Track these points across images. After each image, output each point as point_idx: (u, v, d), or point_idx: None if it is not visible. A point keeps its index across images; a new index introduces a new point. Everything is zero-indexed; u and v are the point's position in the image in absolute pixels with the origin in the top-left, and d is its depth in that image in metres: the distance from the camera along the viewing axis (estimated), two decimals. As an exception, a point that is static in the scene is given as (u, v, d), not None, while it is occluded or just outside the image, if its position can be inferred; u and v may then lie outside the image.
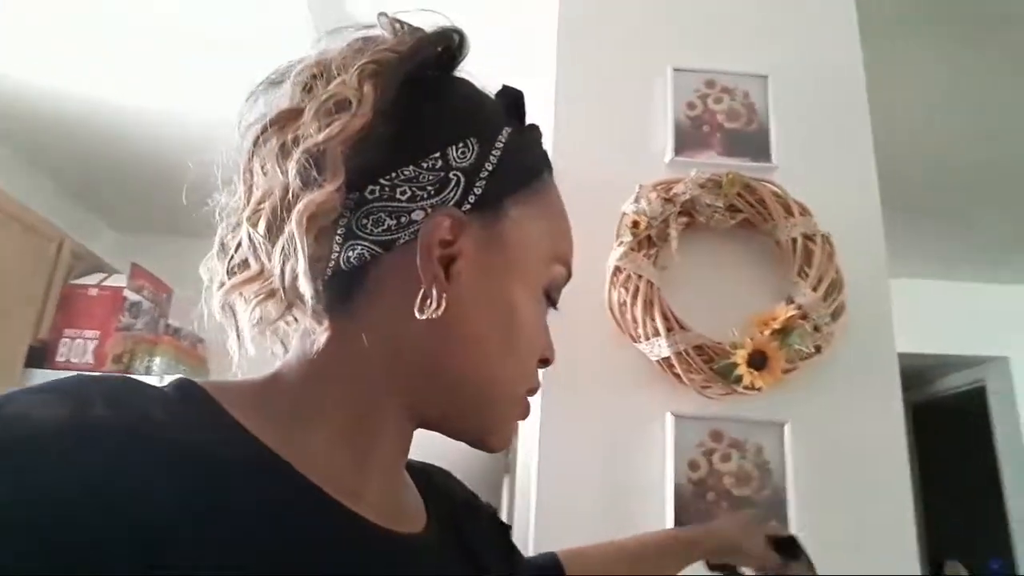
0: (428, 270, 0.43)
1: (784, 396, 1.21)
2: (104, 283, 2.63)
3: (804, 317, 1.16)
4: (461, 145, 0.45)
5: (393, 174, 0.44)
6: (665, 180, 1.25)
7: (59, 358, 2.51)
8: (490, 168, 0.46)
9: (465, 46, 0.49)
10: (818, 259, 1.19)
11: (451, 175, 0.45)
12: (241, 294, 0.45)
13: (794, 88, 1.37)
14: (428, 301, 0.43)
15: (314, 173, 0.42)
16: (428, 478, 0.58)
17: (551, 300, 0.51)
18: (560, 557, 0.77)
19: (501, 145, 0.47)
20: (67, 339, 2.53)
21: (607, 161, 1.32)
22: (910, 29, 1.77)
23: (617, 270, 1.20)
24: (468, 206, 0.45)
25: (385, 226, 0.44)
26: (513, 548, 0.65)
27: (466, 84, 0.50)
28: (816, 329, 1.17)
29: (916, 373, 3.86)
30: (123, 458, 0.33)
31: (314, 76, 0.46)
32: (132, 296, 2.65)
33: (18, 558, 0.28)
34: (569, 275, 0.52)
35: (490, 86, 0.52)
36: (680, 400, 1.20)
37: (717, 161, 1.30)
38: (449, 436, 0.50)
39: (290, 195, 0.42)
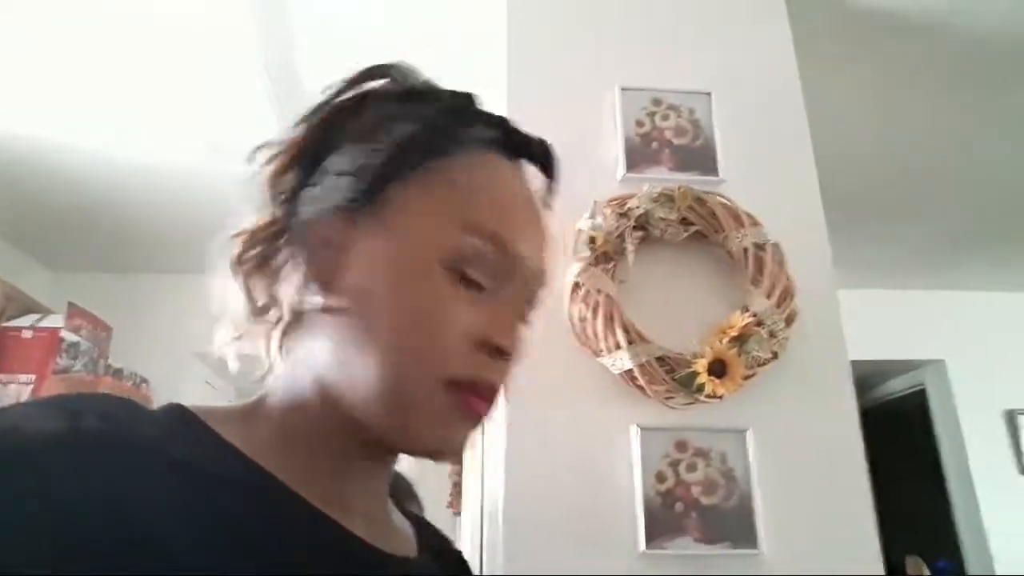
0: (311, 271, 0.46)
1: (744, 403, 1.23)
2: (39, 324, 2.51)
3: (760, 324, 1.19)
4: (345, 152, 0.48)
5: (302, 193, 0.48)
6: (619, 196, 1.27)
7: (-9, 405, 2.38)
8: (375, 162, 0.46)
9: (399, 69, 0.51)
10: (769, 267, 1.23)
11: (338, 180, 0.47)
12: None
13: (737, 103, 1.42)
14: (317, 298, 0.46)
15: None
16: (411, 513, 0.59)
17: (468, 278, 0.45)
18: None
19: (389, 139, 0.47)
20: (-1, 384, 2.41)
21: (560, 179, 1.33)
22: (843, 39, 1.84)
23: (576, 286, 1.21)
24: (352, 204, 0.46)
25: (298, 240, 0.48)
26: None
27: (381, 97, 0.50)
28: (772, 335, 1.20)
29: (859, 379, 3.96)
30: (118, 469, 0.33)
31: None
32: (70, 337, 2.54)
33: (16, 568, 0.28)
34: (497, 247, 0.47)
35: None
36: (644, 412, 1.21)
37: (667, 176, 1.33)
38: (394, 449, 0.48)
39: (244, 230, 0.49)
